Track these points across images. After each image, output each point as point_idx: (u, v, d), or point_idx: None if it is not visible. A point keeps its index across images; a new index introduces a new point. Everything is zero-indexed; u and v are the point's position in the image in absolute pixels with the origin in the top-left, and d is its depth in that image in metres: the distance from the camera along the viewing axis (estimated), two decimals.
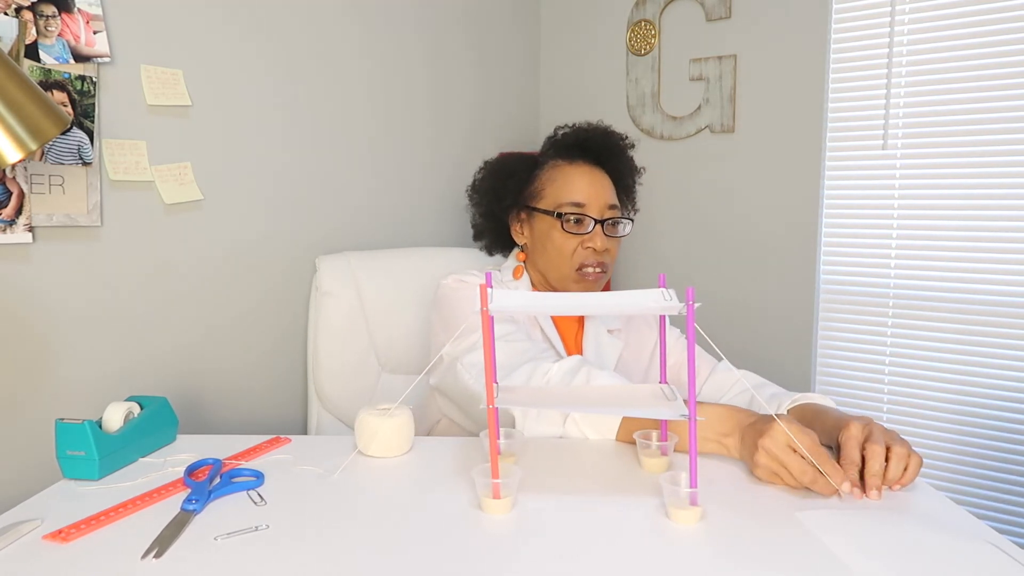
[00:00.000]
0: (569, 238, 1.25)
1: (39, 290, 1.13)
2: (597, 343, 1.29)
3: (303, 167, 1.51)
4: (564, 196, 1.26)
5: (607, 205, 1.26)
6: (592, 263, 1.25)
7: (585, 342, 1.29)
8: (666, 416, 0.83)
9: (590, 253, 1.25)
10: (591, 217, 1.24)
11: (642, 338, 1.36)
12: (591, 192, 1.26)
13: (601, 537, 0.76)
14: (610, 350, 1.30)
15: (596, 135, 1.34)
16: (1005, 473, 1.63)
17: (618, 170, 1.32)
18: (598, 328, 1.31)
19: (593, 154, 1.31)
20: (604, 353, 1.29)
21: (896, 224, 1.71)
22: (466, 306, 1.19)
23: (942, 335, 1.68)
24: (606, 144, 1.32)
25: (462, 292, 1.22)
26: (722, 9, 1.85)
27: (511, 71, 2.08)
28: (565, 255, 1.25)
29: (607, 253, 1.26)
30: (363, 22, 1.62)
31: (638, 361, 1.33)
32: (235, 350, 1.41)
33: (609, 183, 1.29)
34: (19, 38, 1.07)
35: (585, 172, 1.28)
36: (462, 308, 1.19)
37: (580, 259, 1.25)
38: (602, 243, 1.24)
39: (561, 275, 1.27)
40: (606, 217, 1.26)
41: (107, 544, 0.75)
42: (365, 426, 0.98)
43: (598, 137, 1.33)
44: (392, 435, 0.98)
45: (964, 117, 1.61)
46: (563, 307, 0.92)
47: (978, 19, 1.58)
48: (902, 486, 0.86)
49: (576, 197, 1.25)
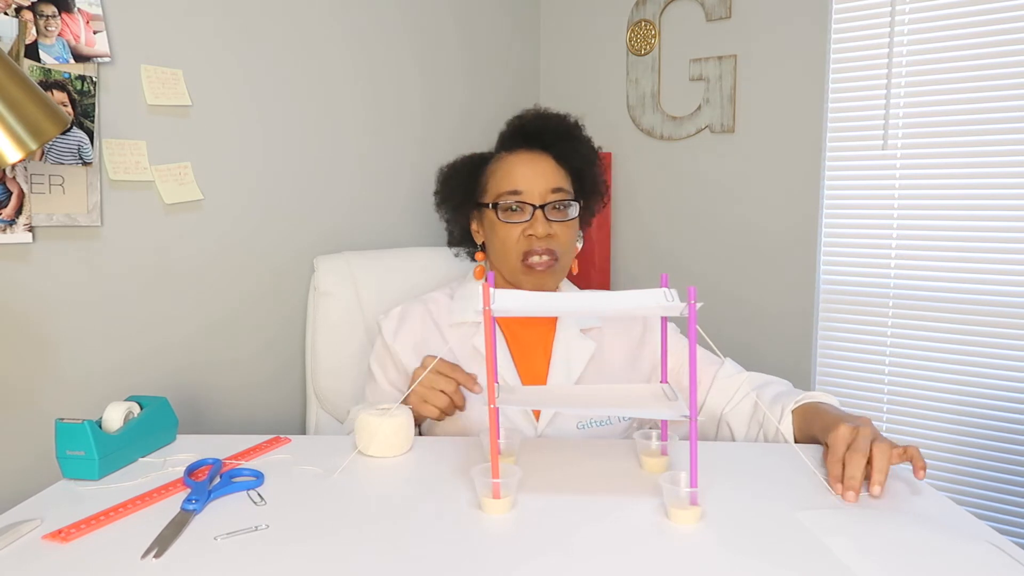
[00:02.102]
0: (509, 228, 1.21)
1: (39, 290, 1.13)
2: (567, 344, 1.23)
3: (302, 167, 1.51)
4: (503, 186, 1.23)
5: (549, 189, 1.21)
6: (539, 250, 1.20)
7: (556, 342, 1.23)
8: (666, 416, 0.83)
9: (532, 240, 1.20)
10: (529, 203, 1.21)
11: (621, 339, 1.28)
12: (529, 177, 1.22)
13: (601, 537, 0.76)
14: (580, 352, 1.23)
15: (533, 120, 1.31)
16: (1005, 473, 1.63)
17: (565, 154, 1.27)
18: (571, 327, 1.26)
19: (536, 140, 1.27)
20: (573, 355, 1.22)
21: (896, 224, 1.71)
22: (377, 341, 1.29)
23: (942, 335, 1.68)
24: (545, 127, 1.29)
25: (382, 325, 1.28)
26: (722, 9, 1.85)
27: (510, 71, 2.08)
28: (509, 246, 1.22)
29: (553, 239, 1.21)
30: (362, 23, 1.62)
31: (612, 364, 1.25)
32: (235, 350, 1.41)
33: (553, 167, 1.24)
34: (19, 38, 1.07)
35: (524, 159, 1.25)
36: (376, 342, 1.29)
37: (523, 248, 1.21)
38: (543, 228, 1.19)
39: (510, 268, 1.23)
40: (547, 201, 1.21)
41: (107, 544, 0.75)
42: (365, 426, 0.98)
43: (536, 121, 1.30)
44: (392, 435, 0.98)
45: (964, 117, 1.61)
46: (563, 307, 0.92)
47: (978, 19, 1.58)
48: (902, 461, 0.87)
49: (513, 185, 1.22)
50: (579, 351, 1.22)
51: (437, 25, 1.81)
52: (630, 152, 2.04)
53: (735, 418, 1.16)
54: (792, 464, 0.94)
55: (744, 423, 1.16)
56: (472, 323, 1.23)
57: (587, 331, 1.26)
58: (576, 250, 1.30)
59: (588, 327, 1.26)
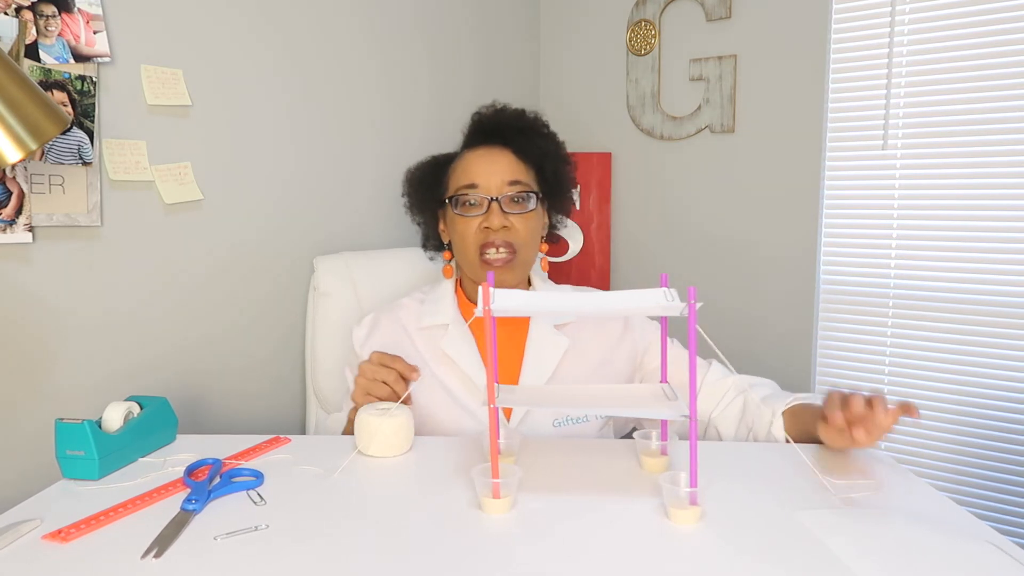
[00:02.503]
0: (467, 221, 1.21)
1: (39, 290, 1.13)
2: (540, 341, 1.22)
3: (302, 167, 1.51)
4: (460, 180, 1.23)
5: (505, 182, 1.21)
6: (496, 243, 1.19)
7: (529, 339, 1.22)
8: (666, 416, 0.83)
9: (488, 233, 1.19)
10: (485, 196, 1.20)
11: (597, 337, 1.24)
12: (485, 171, 1.22)
13: (601, 537, 0.76)
14: (552, 349, 1.21)
15: (490, 115, 1.31)
16: (1005, 473, 1.63)
17: (524, 148, 1.26)
18: (545, 323, 1.24)
19: (495, 135, 1.27)
20: (546, 352, 1.21)
21: (896, 224, 1.71)
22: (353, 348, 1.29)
23: (942, 335, 1.67)
24: (501, 122, 1.29)
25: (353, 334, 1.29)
26: (722, 9, 1.85)
27: (511, 71, 2.08)
28: (467, 240, 1.21)
29: (510, 232, 1.20)
30: (362, 23, 1.62)
31: (586, 361, 1.22)
32: (235, 350, 1.41)
33: (511, 160, 1.24)
34: (19, 38, 1.07)
35: (482, 154, 1.25)
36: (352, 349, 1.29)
37: (480, 241, 1.20)
38: (499, 220, 1.19)
39: (469, 263, 1.23)
40: (504, 193, 1.20)
41: (107, 544, 0.75)
42: (365, 426, 0.98)
43: (493, 116, 1.31)
44: (392, 435, 0.98)
45: (964, 117, 1.61)
46: (562, 307, 0.92)
47: (978, 19, 1.58)
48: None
49: (469, 179, 1.22)
50: (552, 347, 1.21)
51: (437, 26, 1.81)
52: (630, 152, 2.04)
53: (723, 422, 1.17)
54: (792, 464, 0.94)
55: (733, 426, 1.16)
56: (439, 326, 1.23)
57: (561, 327, 1.24)
58: (541, 246, 1.29)
59: (563, 323, 1.25)
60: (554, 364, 1.20)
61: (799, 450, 0.95)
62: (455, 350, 1.20)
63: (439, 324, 1.24)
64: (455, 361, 1.20)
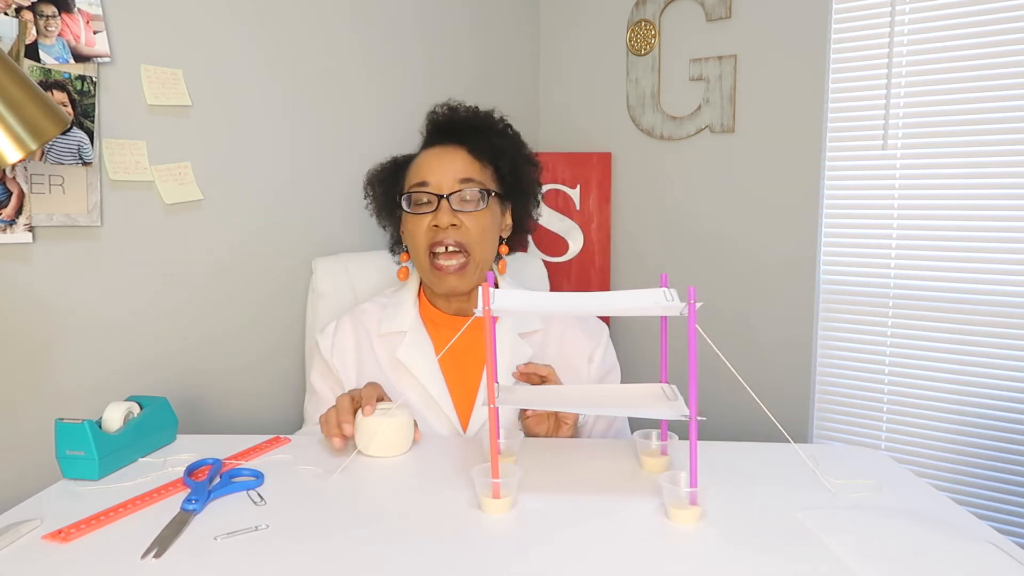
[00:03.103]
0: (417, 220, 1.18)
1: (39, 290, 1.13)
2: (502, 349, 1.18)
3: (302, 168, 1.51)
4: (413, 179, 1.21)
5: (457, 179, 1.18)
6: (446, 242, 1.15)
7: None
8: (666, 416, 0.83)
9: (436, 232, 1.16)
10: (435, 194, 1.17)
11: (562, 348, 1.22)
12: (436, 168, 1.19)
13: (601, 537, 0.76)
14: (516, 357, 1.17)
15: (442, 113, 1.29)
16: (1005, 473, 1.63)
17: (479, 146, 1.23)
18: (509, 330, 1.20)
19: (450, 134, 1.25)
20: (506, 360, 1.16)
21: (896, 224, 1.71)
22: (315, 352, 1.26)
23: (942, 335, 1.67)
24: (455, 119, 1.27)
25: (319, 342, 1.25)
26: (722, 9, 1.85)
27: (511, 71, 2.08)
28: (418, 240, 1.18)
29: (460, 231, 1.16)
30: (362, 24, 1.62)
31: None
32: (235, 350, 1.41)
33: (464, 158, 1.21)
34: (19, 38, 1.07)
35: (434, 152, 1.23)
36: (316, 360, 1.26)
37: (430, 240, 1.17)
38: (447, 218, 1.15)
39: (421, 265, 1.20)
40: (454, 191, 1.17)
41: (107, 544, 0.75)
42: (365, 426, 0.98)
43: (447, 114, 1.29)
44: (392, 435, 0.98)
45: (964, 117, 1.61)
46: (562, 307, 0.92)
47: (978, 19, 1.58)
48: None
49: (420, 176, 1.19)
50: (514, 356, 1.17)
51: (437, 26, 1.81)
52: (630, 152, 2.04)
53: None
54: (792, 464, 0.94)
55: None
56: (398, 332, 1.21)
57: (527, 335, 1.22)
58: (498, 248, 1.26)
59: (528, 331, 1.22)
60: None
61: (799, 450, 0.95)
62: (411, 359, 1.17)
63: (397, 331, 1.21)
64: (409, 370, 1.17)
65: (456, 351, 1.15)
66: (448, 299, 1.23)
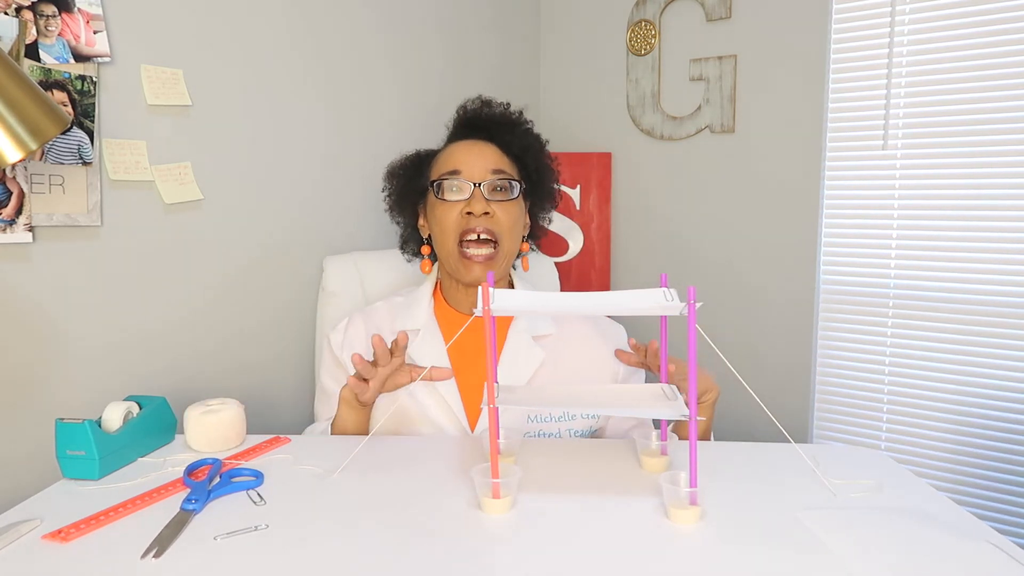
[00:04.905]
0: (448, 207, 1.19)
1: (39, 290, 1.13)
2: (515, 352, 1.18)
3: (304, 167, 1.51)
4: (443, 167, 1.22)
5: (489, 170, 1.20)
6: (478, 230, 1.17)
7: (504, 351, 1.19)
8: (666, 416, 0.83)
9: (469, 219, 1.17)
10: (468, 181, 1.19)
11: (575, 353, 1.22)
12: (468, 158, 1.21)
13: (601, 537, 0.76)
14: (528, 361, 1.17)
15: (475, 109, 1.31)
16: (1005, 473, 1.63)
17: (506, 141, 1.26)
18: (522, 333, 1.21)
19: (480, 129, 1.27)
20: (519, 363, 1.17)
21: (896, 224, 1.71)
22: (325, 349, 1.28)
23: (942, 335, 1.67)
24: (486, 116, 1.29)
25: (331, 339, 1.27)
26: (722, 9, 1.85)
27: (511, 71, 2.08)
28: (448, 228, 1.19)
29: (491, 219, 1.18)
30: (364, 25, 1.62)
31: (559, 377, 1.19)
32: (235, 350, 1.41)
33: (494, 151, 1.24)
34: (19, 38, 1.07)
35: (465, 144, 1.24)
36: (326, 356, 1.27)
37: (461, 227, 1.18)
38: (481, 206, 1.16)
39: (448, 253, 1.20)
40: (488, 179, 1.19)
41: (107, 544, 0.75)
42: (196, 422, 1.01)
43: (479, 109, 1.31)
44: (222, 429, 1.02)
45: (964, 117, 1.61)
46: (562, 307, 0.92)
47: (978, 19, 1.58)
48: None
49: (452, 165, 1.21)
50: (527, 360, 1.18)
51: (438, 26, 1.81)
52: (630, 152, 2.04)
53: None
54: (792, 464, 0.94)
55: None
56: (411, 331, 1.21)
57: (540, 338, 1.22)
58: (522, 244, 1.27)
59: (542, 334, 1.22)
60: (527, 376, 1.17)
61: (799, 450, 0.95)
62: (422, 357, 1.18)
63: (411, 329, 1.21)
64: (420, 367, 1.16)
65: (468, 351, 1.16)
66: (465, 296, 1.24)
